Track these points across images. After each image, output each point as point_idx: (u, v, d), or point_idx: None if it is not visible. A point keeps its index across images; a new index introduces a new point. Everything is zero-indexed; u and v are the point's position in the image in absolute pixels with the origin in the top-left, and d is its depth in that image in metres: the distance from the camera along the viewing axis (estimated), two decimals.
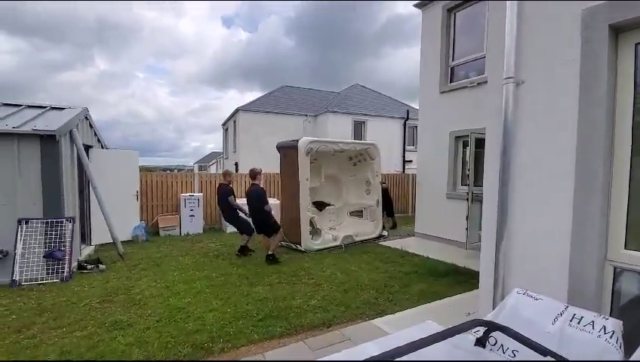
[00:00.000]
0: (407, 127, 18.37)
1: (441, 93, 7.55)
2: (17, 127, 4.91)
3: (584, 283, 1.97)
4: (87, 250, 6.35)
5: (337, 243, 6.90)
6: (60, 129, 5.10)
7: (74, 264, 5.27)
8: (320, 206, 7.73)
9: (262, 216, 5.85)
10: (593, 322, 1.37)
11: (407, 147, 18.28)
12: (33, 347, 3.06)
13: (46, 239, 4.93)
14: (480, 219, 2.78)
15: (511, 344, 1.42)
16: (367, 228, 7.80)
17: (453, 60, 7.37)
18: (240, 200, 6.58)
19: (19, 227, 4.79)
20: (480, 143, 5.68)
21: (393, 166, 17.42)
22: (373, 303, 4.08)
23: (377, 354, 1.50)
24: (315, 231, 6.92)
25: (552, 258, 2.09)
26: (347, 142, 7.58)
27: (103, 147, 7.81)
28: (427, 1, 7.82)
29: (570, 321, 1.43)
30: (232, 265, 5.66)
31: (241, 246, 6.30)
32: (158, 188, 8.94)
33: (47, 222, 4.98)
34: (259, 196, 5.87)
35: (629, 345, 1.26)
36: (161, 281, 4.79)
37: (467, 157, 6.96)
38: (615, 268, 1.96)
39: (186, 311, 3.77)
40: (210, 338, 3.20)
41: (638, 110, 1.89)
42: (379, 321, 3.61)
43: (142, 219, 8.09)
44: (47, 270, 4.87)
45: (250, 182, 6.28)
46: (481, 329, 1.55)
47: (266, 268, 5.47)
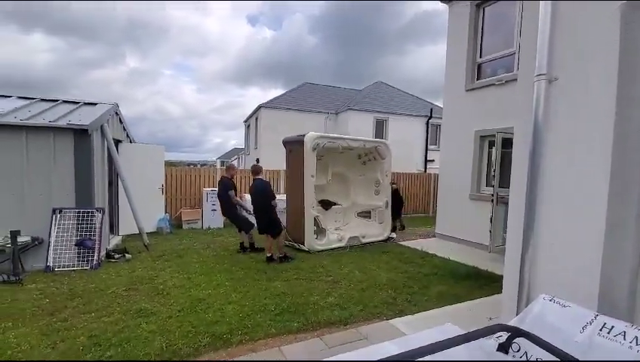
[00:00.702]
0: (430, 126, 18.02)
1: (467, 90, 7.35)
2: (53, 122, 5.17)
3: (616, 292, 1.87)
4: (114, 240, 6.63)
5: (342, 244, 6.67)
6: (92, 124, 5.33)
7: (102, 253, 5.51)
8: (326, 205, 7.48)
9: (267, 213, 5.59)
10: (625, 332, 1.30)
11: (430, 146, 17.93)
12: (64, 330, 3.23)
13: (77, 228, 5.18)
14: (504, 222, 2.70)
15: (535, 351, 1.37)
16: (375, 229, 7.52)
17: (480, 57, 7.15)
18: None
19: (53, 216, 5.06)
20: (507, 143, 5.50)
21: (414, 165, 17.14)
22: (391, 303, 4.04)
23: (396, 353, 1.48)
24: (319, 231, 6.69)
25: (582, 264, 1.99)
26: (356, 139, 7.18)
27: (131, 141, 8.10)
28: None
29: (600, 330, 1.36)
30: (250, 259, 5.75)
31: (241, 244, 6.27)
32: (182, 182, 9.20)
33: (78, 212, 5.22)
34: (264, 189, 5.63)
35: None
36: (183, 272, 4.93)
37: (493, 158, 6.76)
38: None
39: (207, 303, 3.87)
40: (229, 330, 3.27)
41: None
42: (396, 321, 3.57)
43: (166, 212, 8.35)
44: (78, 258, 5.12)
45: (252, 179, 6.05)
46: (503, 335, 1.50)
47: (284, 264, 5.52)
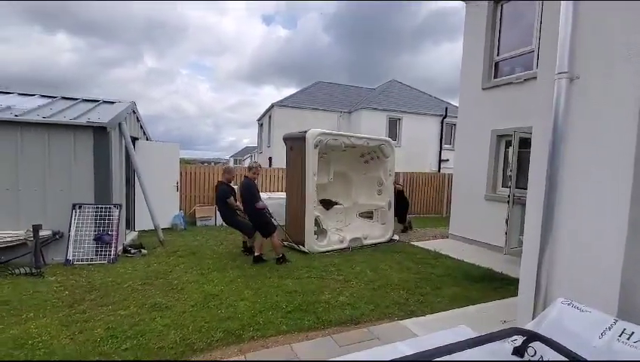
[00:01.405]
0: (444, 125, 17.77)
1: (483, 89, 7.21)
2: (74, 119, 5.32)
3: (637, 296, 1.80)
4: (131, 236, 6.79)
5: (344, 245, 6.48)
6: (111, 121, 5.46)
7: (119, 248, 5.64)
8: (327, 204, 7.30)
9: (254, 212, 5.39)
10: None
11: (444, 146, 17.68)
12: (83, 321, 3.33)
13: (96, 223, 5.32)
14: (521, 223, 2.63)
15: (552, 356, 1.33)
16: (377, 230, 7.31)
17: (498, 55, 7.00)
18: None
19: (73, 211, 5.21)
20: (524, 143, 5.37)
21: (428, 165, 16.94)
22: (403, 303, 4.01)
23: (409, 354, 1.47)
24: (320, 231, 6.50)
25: (602, 269, 1.93)
26: (359, 137, 6.95)
27: (147, 139, 8.27)
28: None
29: (620, 336, 1.32)
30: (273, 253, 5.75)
31: (244, 244, 6.07)
32: (196, 179, 9.34)
33: (97, 208, 5.37)
34: (248, 189, 5.39)
35: None
36: (197, 268, 5.01)
37: (510, 158, 6.62)
38: None
39: (220, 298, 3.92)
40: (241, 326, 3.31)
41: None
42: (408, 322, 3.55)
43: (180, 209, 8.49)
44: (96, 252, 5.26)
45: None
46: (519, 339, 1.47)
47: (295, 262, 5.53)
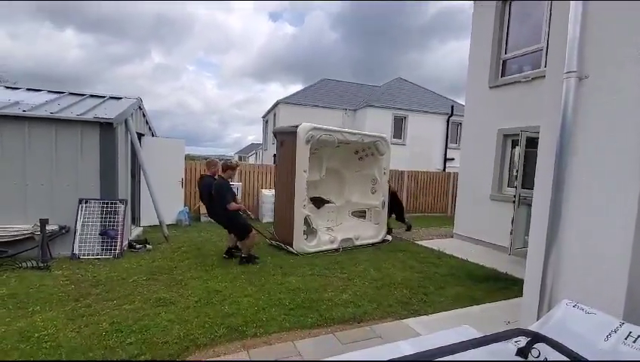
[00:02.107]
0: (450, 124, 17.65)
1: (490, 88, 7.14)
2: (81, 115, 5.36)
3: None
4: (136, 231, 6.84)
5: (335, 246, 6.22)
6: (117, 117, 5.49)
7: (125, 243, 5.69)
8: (318, 203, 7.03)
9: (227, 214, 5.09)
10: None
11: (450, 144, 17.58)
12: (88, 315, 3.36)
13: (102, 218, 5.37)
14: (527, 224, 2.61)
15: (556, 357, 1.33)
16: (370, 231, 7.04)
17: (506, 53, 6.93)
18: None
19: (79, 206, 5.26)
20: (531, 143, 5.32)
21: (433, 164, 16.86)
22: (406, 302, 4.00)
23: (411, 353, 1.46)
24: (310, 231, 6.19)
25: (609, 271, 1.91)
26: (353, 133, 6.68)
27: (153, 135, 8.32)
28: None
29: (625, 339, 1.30)
30: (267, 253, 5.80)
31: (228, 250, 5.55)
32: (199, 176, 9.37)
33: (103, 203, 5.41)
34: (220, 190, 5.06)
35: None
36: (201, 264, 5.04)
37: (516, 158, 6.56)
38: None
39: (223, 294, 3.94)
40: (245, 322, 3.32)
41: None
42: (411, 321, 3.54)
43: (185, 205, 8.54)
44: (102, 246, 5.31)
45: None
46: (523, 340, 1.47)
47: (299, 259, 5.55)
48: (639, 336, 1.29)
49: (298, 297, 3.96)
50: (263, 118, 23.30)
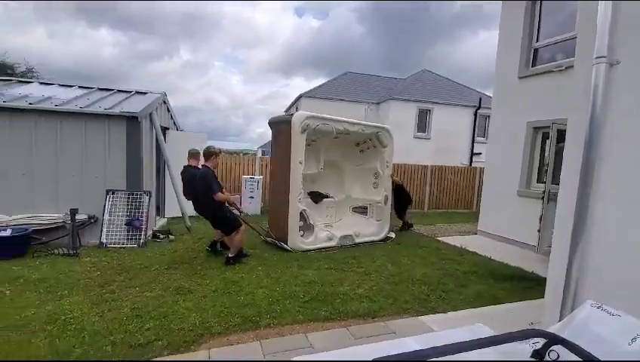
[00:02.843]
0: (478, 117, 17.01)
1: (520, 78, 6.79)
2: (108, 109, 5.57)
3: None
4: (160, 222, 7.07)
5: (333, 243, 5.88)
6: (142, 111, 5.67)
7: (149, 233, 5.90)
8: (316, 197, 6.68)
9: (212, 207, 4.70)
10: None
11: (477, 138, 16.95)
12: (111, 301, 3.50)
13: (127, 209, 5.58)
14: None
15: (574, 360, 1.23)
16: (371, 228, 6.64)
17: (537, 41, 6.54)
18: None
19: (107, 197, 5.49)
20: (563, 136, 5.00)
21: (459, 158, 16.34)
22: (424, 299, 3.90)
23: (416, 349, 1.40)
24: (306, 227, 5.87)
25: (637, 270, 1.75)
26: (353, 123, 6.16)
27: (177, 129, 8.54)
28: None
29: None
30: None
31: (212, 243, 5.31)
32: (223, 169, 9.55)
33: (128, 194, 5.62)
34: (206, 180, 4.64)
35: None
36: (220, 255, 5.13)
37: (546, 152, 6.22)
38: None
39: (239, 285, 4.00)
40: (259, 313, 3.35)
41: None
42: (427, 318, 3.44)
43: None
44: (127, 236, 5.53)
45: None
46: (540, 341, 1.38)
47: (316, 253, 5.53)
48: None
49: (313, 290, 3.95)
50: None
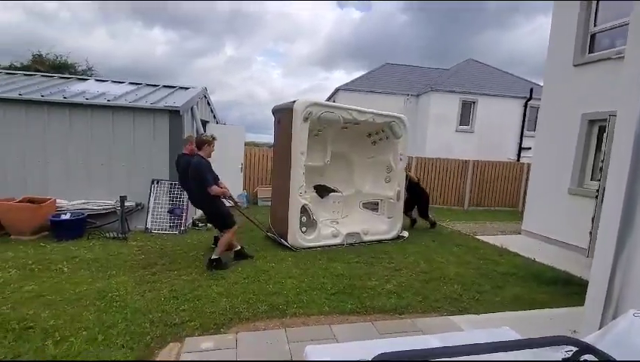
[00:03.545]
0: (528, 109, 15.84)
1: (575, 66, 6.21)
2: (154, 104, 5.94)
3: None
4: (200, 211, 7.43)
5: (338, 240, 5.57)
6: (183, 106, 5.98)
7: (189, 221, 6.24)
8: (322, 191, 6.30)
9: (207, 200, 4.33)
10: None
11: (527, 132, 15.81)
12: (152, 282, 3.77)
13: (170, 198, 5.94)
14: None
15: None
16: (382, 225, 6.19)
17: (595, 25, 5.94)
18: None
19: (152, 186, 5.88)
20: None
21: (506, 153, 15.38)
22: (456, 299, 3.76)
23: (438, 346, 1.36)
24: (310, 223, 5.53)
25: None
26: (362, 111, 5.68)
27: (217, 123, 8.89)
28: None
29: None
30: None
31: (215, 240, 4.93)
32: (260, 161, 9.82)
33: (171, 184, 5.97)
34: (198, 171, 4.22)
35: None
36: (253, 244, 5.31)
37: (603, 147, 5.66)
38: None
39: (269, 274, 4.12)
40: (286, 302, 3.43)
41: None
42: (458, 319, 3.32)
43: (244, 189, 9.04)
44: (169, 223, 5.89)
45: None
46: (573, 349, 1.28)
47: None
48: None
49: (341, 283, 3.96)
50: None
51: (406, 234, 6.43)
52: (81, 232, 5.29)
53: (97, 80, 7.51)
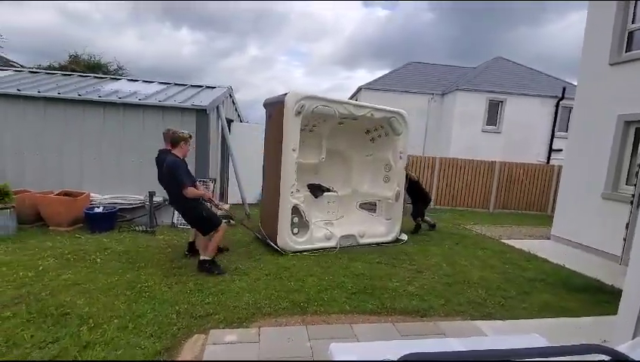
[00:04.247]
0: (560, 108, 15.18)
1: (611, 65, 5.92)
2: (181, 103, 6.13)
3: None
4: (224, 207, 7.60)
5: (331, 243, 5.24)
6: (210, 105, 6.14)
7: None
8: (316, 190, 5.95)
9: (184, 202, 3.97)
10: None
11: (558, 133, 15.16)
12: (179, 275, 3.91)
13: None
14: None
15: None
16: (379, 227, 5.87)
17: (633, 22, 5.63)
18: None
19: None
20: None
21: (535, 155, 14.83)
22: (479, 303, 3.68)
23: (460, 350, 1.36)
24: (301, 225, 5.22)
25: None
26: (360, 106, 5.36)
27: (241, 121, 9.07)
28: None
29: None
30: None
31: (190, 245, 4.65)
32: None
33: (197, 180, 6.14)
34: (172, 171, 3.85)
35: None
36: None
37: None
38: None
39: (290, 271, 4.17)
40: (307, 299, 3.47)
41: None
42: (482, 324, 3.25)
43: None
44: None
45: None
46: (606, 358, 1.25)
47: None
48: None
49: (361, 283, 3.96)
50: None
51: (405, 237, 6.08)
52: (112, 225, 5.55)
53: (129, 80, 7.84)
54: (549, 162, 14.40)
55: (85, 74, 8.85)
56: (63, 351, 2.45)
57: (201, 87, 7.50)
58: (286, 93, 4.78)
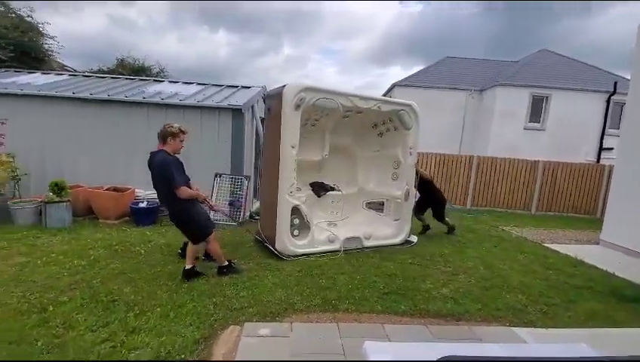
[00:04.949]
0: (612, 104, 14.05)
1: None
2: (218, 103, 6.36)
3: None
4: (256, 204, 7.78)
5: (335, 246, 4.92)
6: (245, 104, 6.32)
7: (247, 213, 6.59)
8: (319, 189, 5.62)
9: (175, 203, 3.57)
10: None
11: (610, 130, 14.04)
12: (215, 268, 4.04)
13: (230, 191, 6.33)
14: None
15: None
16: (387, 229, 5.49)
17: None
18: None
19: (215, 179, 6.31)
20: None
21: (583, 154, 13.84)
22: (520, 310, 3.51)
23: (500, 355, 1.32)
24: (302, 226, 4.90)
25: None
26: (366, 98, 4.97)
27: None
28: None
29: None
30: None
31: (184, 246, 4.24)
32: None
33: (232, 178, 6.36)
34: (162, 169, 3.48)
35: None
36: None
37: None
38: None
39: (322, 269, 4.20)
40: (338, 297, 3.49)
41: None
42: (522, 331, 3.10)
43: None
44: (230, 214, 6.28)
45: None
46: None
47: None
48: None
49: (393, 283, 3.92)
50: None
51: (415, 239, 5.74)
52: (155, 219, 5.88)
53: (170, 81, 8.24)
54: (599, 161, 13.39)
55: (131, 77, 9.42)
56: (113, 335, 2.65)
57: (237, 87, 7.73)
58: (285, 85, 4.45)
